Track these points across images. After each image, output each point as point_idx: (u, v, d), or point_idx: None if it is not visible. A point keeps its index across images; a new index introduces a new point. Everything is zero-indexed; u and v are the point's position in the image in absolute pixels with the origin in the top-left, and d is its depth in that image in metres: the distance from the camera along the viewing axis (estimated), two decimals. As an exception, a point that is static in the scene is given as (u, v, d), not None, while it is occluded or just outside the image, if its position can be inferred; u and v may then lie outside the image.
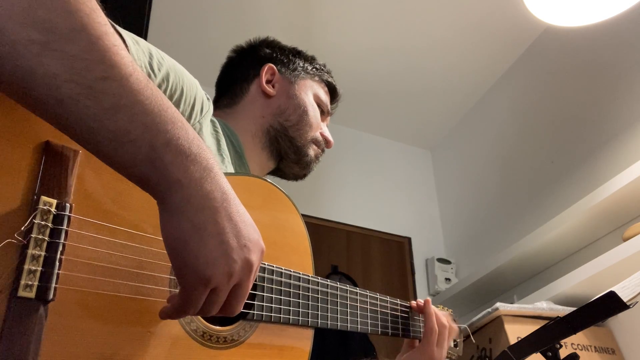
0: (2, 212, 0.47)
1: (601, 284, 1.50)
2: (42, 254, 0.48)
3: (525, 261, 1.95)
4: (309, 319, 0.76)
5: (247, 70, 1.04)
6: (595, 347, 1.47)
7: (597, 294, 0.79)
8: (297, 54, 1.08)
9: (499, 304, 1.48)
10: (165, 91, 0.69)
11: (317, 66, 1.09)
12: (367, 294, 0.89)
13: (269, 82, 1.02)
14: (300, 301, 0.76)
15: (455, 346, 1.07)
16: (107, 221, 0.55)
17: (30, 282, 0.46)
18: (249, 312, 0.68)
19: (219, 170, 0.51)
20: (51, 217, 0.49)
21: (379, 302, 0.91)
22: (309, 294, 0.78)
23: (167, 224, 0.48)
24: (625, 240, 1.48)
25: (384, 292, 0.94)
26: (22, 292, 0.46)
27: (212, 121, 0.86)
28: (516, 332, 1.42)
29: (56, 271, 0.48)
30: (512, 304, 1.55)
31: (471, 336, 1.45)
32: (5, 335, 0.44)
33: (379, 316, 0.90)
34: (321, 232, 2.53)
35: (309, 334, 0.77)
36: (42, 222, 0.48)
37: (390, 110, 2.87)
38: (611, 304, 0.75)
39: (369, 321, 0.88)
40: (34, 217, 0.48)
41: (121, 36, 0.60)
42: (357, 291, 0.87)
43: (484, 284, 2.11)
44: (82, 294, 0.51)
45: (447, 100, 2.80)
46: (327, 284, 0.81)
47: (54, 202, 0.50)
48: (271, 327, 0.71)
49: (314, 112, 1.02)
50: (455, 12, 2.30)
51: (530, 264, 1.98)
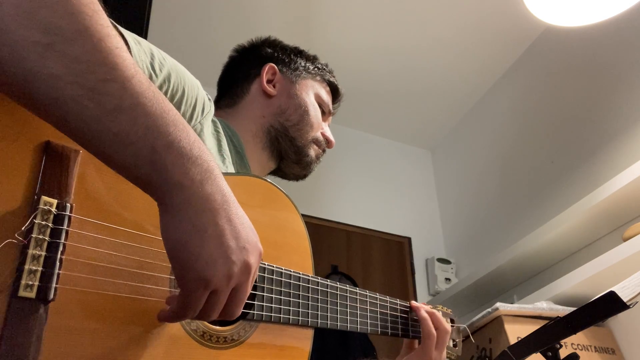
0: (2, 212, 0.47)
1: (601, 284, 1.50)
2: (43, 254, 0.48)
3: (525, 261, 1.95)
4: (309, 319, 0.76)
5: (248, 69, 1.04)
6: (595, 347, 1.47)
7: (597, 294, 0.79)
8: (298, 53, 1.08)
9: (499, 304, 1.48)
10: (166, 92, 0.69)
11: (319, 66, 1.08)
12: (367, 294, 0.89)
13: (270, 81, 1.01)
14: (300, 301, 0.76)
15: (454, 346, 1.07)
16: (108, 221, 0.55)
17: (30, 282, 0.46)
18: (249, 312, 0.68)
19: (219, 172, 0.51)
20: (52, 217, 0.49)
21: (378, 302, 0.91)
22: (309, 294, 0.78)
23: (167, 225, 0.48)
24: (625, 240, 1.48)
25: (384, 292, 0.94)
26: (22, 292, 0.46)
27: (213, 121, 0.86)
28: (516, 332, 1.42)
29: (57, 271, 0.48)
30: (512, 304, 1.55)
31: (471, 336, 1.45)
32: (5, 335, 0.44)
33: (378, 316, 0.90)
34: (321, 232, 2.52)
35: (309, 334, 0.77)
36: (43, 222, 0.48)
37: (390, 110, 2.87)
38: (611, 304, 0.75)
39: (368, 321, 0.88)
40: (35, 217, 0.48)
41: (123, 37, 0.60)
42: (357, 291, 0.87)
43: (484, 284, 2.11)
44: (83, 294, 0.51)
45: (447, 100, 2.80)
46: (327, 284, 0.81)
47: (55, 202, 0.50)
48: (271, 327, 0.71)
49: (315, 112, 1.02)
50: (455, 12, 2.30)
51: (530, 264, 1.97)
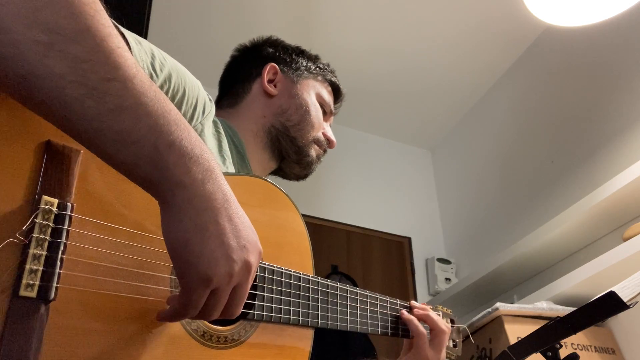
0: (3, 212, 0.47)
1: (601, 284, 1.50)
2: (44, 253, 0.48)
3: (525, 261, 1.95)
4: (309, 319, 0.76)
5: (249, 69, 1.03)
6: (595, 347, 1.47)
7: (597, 294, 0.79)
8: (300, 53, 1.07)
9: (499, 304, 1.48)
10: (167, 92, 0.69)
11: (321, 65, 1.08)
12: (367, 294, 0.89)
13: (271, 81, 1.01)
14: (300, 301, 0.76)
15: (454, 346, 1.07)
16: (109, 221, 0.55)
17: (31, 282, 0.46)
18: (249, 312, 0.68)
19: (219, 172, 0.52)
20: (52, 216, 0.49)
21: (379, 302, 0.91)
22: (309, 294, 0.78)
23: (168, 224, 0.48)
24: (625, 240, 1.49)
25: (384, 292, 0.94)
26: (23, 292, 0.46)
27: (214, 121, 0.86)
28: (516, 332, 1.42)
29: (57, 271, 0.48)
30: (512, 304, 1.55)
31: (470, 337, 1.45)
32: (6, 334, 0.44)
33: (379, 316, 0.90)
34: (321, 232, 2.53)
35: (309, 333, 0.77)
36: (44, 222, 0.48)
37: (390, 110, 2.88)
38: (611, 304, 0.75)
39: (369, 321, 0.88)
40: (36, 217, 0.48)
41: (124, 36, 0.60)
42: (357, 291, 0.87)
43: (484, 284, 2.11)
44: (84, 293, 0.51)
45: (447, 100, 2.80)
46: (327, 284, 0.81)
47: (56, 201, 0.50)
48: (271, 327, 0.71)
49: (316, 112, 1.01)
50: (455, 12, 2.30)
51: (530, 264, 1.98)
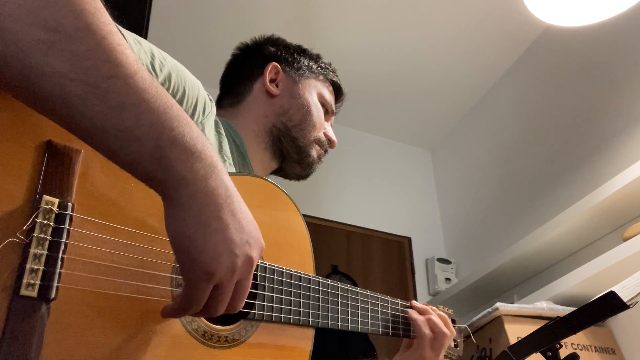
0: (4, 211, 0.47)
1: (601, 284, 1.50)
2: (44, 253, 0.48)
3: (525, 261, 1.95)
4: (310, 319, 0.76)
5: (251, 68, 1.03)
6: (595, 347, 1.47)
7: (597, 294, 0.79)
8: (302, 52, 1.07)
9: (499, 304, 1.48)
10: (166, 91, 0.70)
11: (322, 65, 1.07)
12: (368, 293, 0.89)
13: (272, 81, 1.01)
14: (301, 301, 0.76)
15: (455, 346, 1.07)
16: (109, 220, 0.55)
17: (32, 281, 0.47)
18: (249, 312, 0.68)
19: (222, 167, 0.52)
20: (53, 216, 0.49)
21: (379, 302, 0.91)
22: (310, 294, 0.78)
23: (172, 220, 0.48)
24: (625, 240, 1.49)
25: (384, 292, 0.94)
26: (24, 291, 0.46)
27: (215, 121, 0.86)
28: (516, 332, 1.42)
29: (58, 270, 0.48)
30: (512, 304, 1.55)
31: (472, 336, 1.45)
32: (7, 334, 0.44)
33: (379, 316, 0.90)
34: (321, 232, 2.53)
35: (310, 333, 0.77)
36: (44, 221, 0.48)
37: (390, 110, 2.88)
38: (611, 304, 0.76)
39: (369, 321, 0.88)
40: (36, 216, 0.48)
41: (123, 36, 0.60)
42: (358, 291, 0.87)
43: (484, 284, 2.11)
44: (84, 293, 0.51)
45: (447, 100, 2.81)
46: (327, 284, 0.81)
47: (56, 201, 0.50)
48: (272, 327, 0.71)
49: (317, 112, 1.01)
50: (455, 12, 2.30)
51: (530, 264, 1.98)
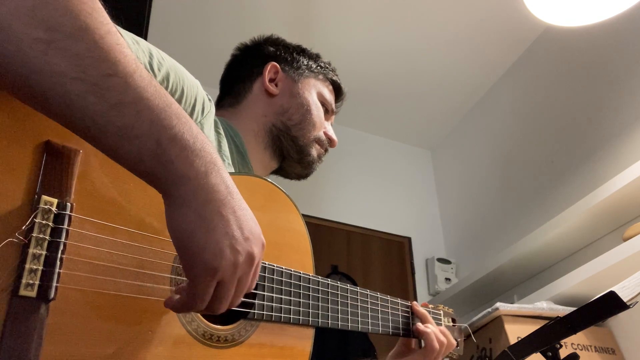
0: (3, 211, 0.47)
1: (601, 284, 1.50)
2: (43, 253, 0.48)
3: (525, 261, 1.95)
4: (310, 319, 0.76)
5: (250, 68, 1.03)
6: (595, 347, 1.47)
7: (597, 294, 0.79)
8: (301, 52, 1.07)
9: (499, 304, 1.48)
10: None
11: (322, 64, 1.07)
12: (368, 293, 0.89)
13: (272, 80, 1.01)
14: (300, 300, 0.76)
15: (456, 346, 1.07)
16: (108, 220, 0.55)
17: (31, 281, 0.46)
18: (249, 312, 0.68)
19: (222, 164, 0.52)
20: (52, 216, 0.49)
21: (379, 302, 0.91)
22: (310, 294, 0.78)
23: (173, 217, 0.49)
24: (625, 240, 1.48)
25: (384, 292, 0.94)
26: (23, 291, 0.46)
27: (214, 121, 0.86)
28: (516, 332, 1.42)
29: (57, 270, 0.48)
30: (512, 304, 1.55)
31: (472, 335, 1.45)
32: (6, 334, 0.44)
33: (379, 315, 0.90)
34: (321, 232, 2.53)
35: (310, 333, 0.77)
36: (43, 222, 0.48)
37: (390, 110, 2.88)
38: (611, 304, 0.76)
39: (369, 320, 0.88)
40: (35, 217, 0.48)
41: (121, 35, 0.60)
42: (358, 290, 0.87)
43: (484, 284, 2.11)
44: (83, 293, 0.51)
45: (447, 100, 2.80)
46: (327, 284, 0.81)
47: (55, 201, 0.50)
48: (272, 327, 0.71)
49: (317, 111, 1.01)
50: (455, 12, 2.30)
51: (530, 264, 1.98)
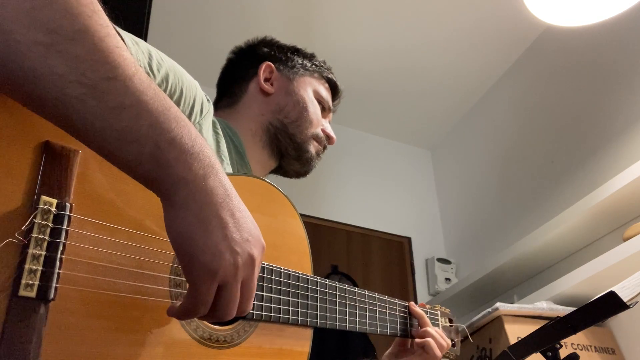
0: (2, 212, 0.47)
1: (601, 284, 1.50)
2: (43, 253, 0.48)
3: (525, 261, 1.95)
4: (308, 319, 0.76)
5: (246, 69, 1.04)
6: (595, 347, 1.47)
7: (597, 294, 0.79)
8: (295, 51, 1.08)
9: (499, 304, 1.48)
10: (164, 92, 0.70)
11: (317, 63, 1.08)
12: (365, 293, 0.89)
13: (267, 80, 1.02)
14: (299, 301, 0.76)
15: (453, 346, 1.07)
16: (108, 221, 0.55)
17: (30, 282, 0.47)
18: (248, 312, 0.68)
19: (220, 167, 0.52)
20: (51, 216, 0.49)
21: (377, 302, 0.91)
22: (309, 294, 0.78)
23: (172, 220, 0.49)
24: (625, 240, 1.49)
25: (384, 292, 0.94)
26: (22, 292, 0.46)
27: (213, 122, 0.86)
28: (516, 332, 1.42)
29: (57, 271, 0.48)
30: (512, 304, 1.55)
31: (469, 337, 1.45)
32: (6, 334, 0.44)
33: (376, 316, 0.90)
34: (321, 232, 2.53)
35: (309, 333, 0.77)
36: (43, 222, 0.48)
37: (390, 110, 2.88)
38: (611, 304, 0.76)
39: (368, 321, 0.88)
40: (35, 217, 0.48)
41: (121, 37, 0.60)
42: (357, 291, 0.87)
43: (484, 284, 2.11)
44: (83, 293, 0.51)
45: (447, 100, 2.80)
46: (326, 284, 0.81)
47: (55, 201, 0.50)
48: (270, 327, 0.71)
49: (313, 108, 1.02)
50: (455, 12, 2.30)
51: (530, 264, 1.98)
